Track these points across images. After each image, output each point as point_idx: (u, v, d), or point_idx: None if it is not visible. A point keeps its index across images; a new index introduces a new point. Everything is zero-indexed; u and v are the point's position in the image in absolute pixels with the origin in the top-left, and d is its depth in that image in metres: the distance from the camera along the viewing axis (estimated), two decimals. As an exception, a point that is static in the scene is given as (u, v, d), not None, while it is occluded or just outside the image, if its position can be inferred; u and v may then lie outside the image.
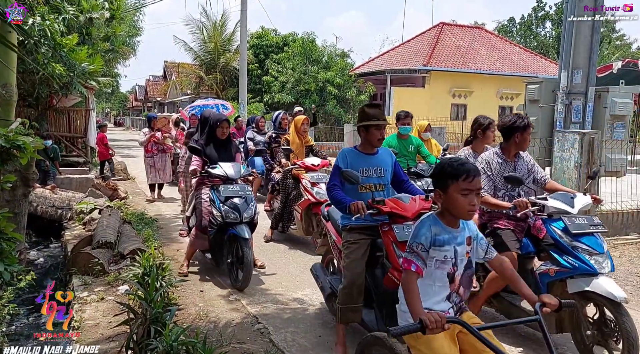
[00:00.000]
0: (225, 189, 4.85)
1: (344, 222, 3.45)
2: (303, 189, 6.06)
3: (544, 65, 24.79)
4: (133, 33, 27.40)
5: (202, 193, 5.06)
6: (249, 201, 4.89)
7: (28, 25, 6.53)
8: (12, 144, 4.38)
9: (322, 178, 6.07)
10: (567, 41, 7.70)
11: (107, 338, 3.66)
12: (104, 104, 56.18)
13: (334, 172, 3.44)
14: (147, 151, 9.55)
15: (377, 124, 3.39)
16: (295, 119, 6.70)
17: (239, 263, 4.75)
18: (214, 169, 4.92)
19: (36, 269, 6.02)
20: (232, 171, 4.96)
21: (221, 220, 4.74)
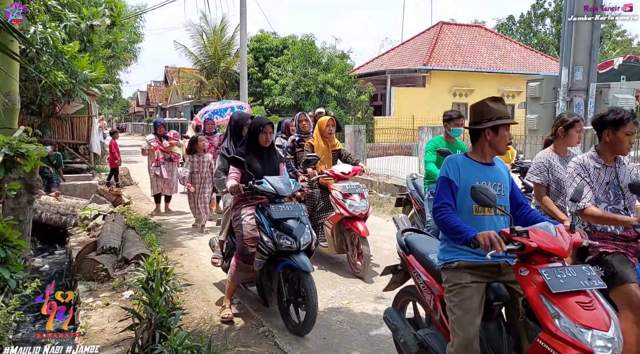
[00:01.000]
0: (277, 209, 3.89)
1: (446, 258, 2.65)
2: (334, 201, 5.38)
3: (545, 63, 24.76)
4: (134, 39, 27.49)
5: (244, 214, 4.07)
6: (305, 223, 4.01)
7: (29, 34, 6.59)
8: (16, 151, 4.42)
9: (355, 188, 5.39)
10: (567, 38, 7.70)
11: (113, 344, 3.68)
12: (106, 111, 56.35)
13: (443, 187, 2.64)
14: (154, 159, 8.92)
15: (508, 123, 2.67)
16: (319, 121, 5.90)
17: (298, 301, 3.87)
18: (260, 185, 3.99)
19: (41, 276, 6.06)
20: (282, 186, 4.02)
21: (273, 248, 3.80)
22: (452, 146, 5.35)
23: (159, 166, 8.77)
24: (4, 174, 4.39)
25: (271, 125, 4.25)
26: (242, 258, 4.01)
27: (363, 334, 3.89)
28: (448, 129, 5.33)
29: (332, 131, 5.87)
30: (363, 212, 5.30)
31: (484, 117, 2.69)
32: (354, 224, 5.23)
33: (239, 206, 4.16)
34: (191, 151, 7.74)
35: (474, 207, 2.59)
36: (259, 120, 4.26)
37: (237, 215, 4.13)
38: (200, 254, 6.20)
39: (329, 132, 5.82)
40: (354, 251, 5.37)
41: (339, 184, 5.43)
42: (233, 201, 4.28)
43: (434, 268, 2.81)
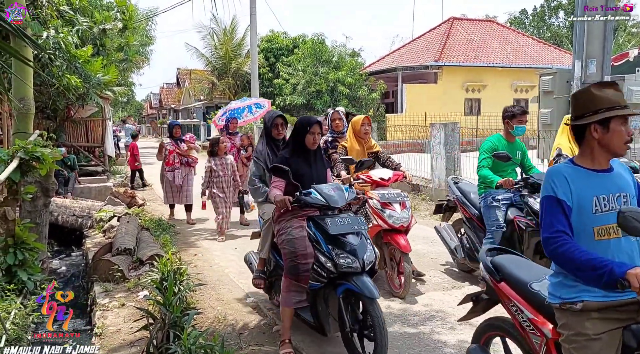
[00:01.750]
0: (334, 223, 3.31)
1: (565, 296, 2.04)
2: (371, 211, 4.69)
3: (558, 56, 24.45)
4: (146, 42, 27.78)
5: (291, 227, 3.45)
6: (367, 238, 3.45)
7: (42, 39, 6.69)
8: (31, 155, 4.50)
9: (395, 197, 4.70)
10: (580, 31, 7.59)
11: (129, 344, 3.72)
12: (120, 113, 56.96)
13: (551, 210, 2.04)
14: (168, 163, 8.02)
15: (624, 114, 2.04)
16: (353, 120, 5.23)
17: (363, 331, 3.27)
18: (309, 196, 3.43)
19: (59, 278, 6.16)
20: (334, 195, 3.45)
21: (333, 270, 3.21)
22: (512, 146, 4.70)
23: (172, 171, 8.00)
24: (20, 177, 4.47)
25: (319, 124, 3.64)
26: (294, 277, 3.36)
27: None
28: (510, 127, 4.65)
29: (368, 131, 5.15)
30: (404, 225, 4.62)
31: (588, 109, 2.07)
32: (394, 237, 4.57)
33: (284, 218, 3.53)
34: (212, 153, 7.10)
35: (595, 230, 2.01)
36: (306, 119, 3.67)
37: (282, 228, 3.51)
38: (213, 254, 6.24)
39: (364, 132, 5.12)
40: (393, 268, 4.71)
41: (377, 191, 4.75)
42: (275, 212, 3.66)
43: (543, 302, 2.19)
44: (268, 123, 4.26)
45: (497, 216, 4.55)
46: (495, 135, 4.82)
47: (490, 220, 4.60)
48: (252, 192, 4.26)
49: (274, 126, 4.26)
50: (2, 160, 4.46)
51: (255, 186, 4.15)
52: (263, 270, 4.16)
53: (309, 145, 3.66)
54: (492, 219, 4.59)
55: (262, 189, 4.11)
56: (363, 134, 5.14)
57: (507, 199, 4.60)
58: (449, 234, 5.33)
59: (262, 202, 4.15)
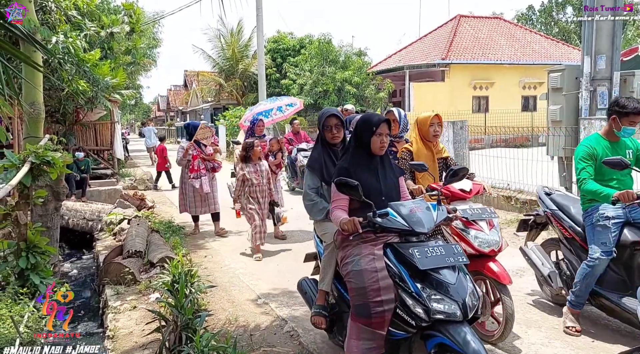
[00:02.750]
0: (423, 254, 2.57)
1: None
2: (450, 232, 3.78)
3: (567, 52, 24.25)
4: (153, 45, 27.94)
5: (361, 257, 2.73)
6: (466, 273, 2.66)
7: (52, 44, 6.75)
8: (42, 160, 4.53)
9: (481, 213, 3.71)
10: (588, 26, 7.53)
11: (141, 346, 3.74)
12: (128, 116, 57.36)
13: None
14: (192, 169, 7.11)
15: None
16: (418, 118, 4.27)
17: None
18: (386, 218, 2.70)
19: (70, 281, 6.20)
20: (419, 217, 2.75)
21: (424, 316, 2.48)
22: (616, 148, 3.76)
23: (198, 178, 7.11)
24: (31, 182, 4.51)
25: (388, 124, 2.97)
26: (365, 321, 2.65)
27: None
28: (616, 126, 3.70)
29: (438, 132, 4.18)
30: (495, 249, 3.66)
31: None
32: (485, 265, 3.59)
33: (350, 242, 2.84)
34: (245, 159, 6.27)
35: None
36: (370, 117, 3.00)
37: (348, 256, 2.81)
38: (223, 255, 6.26)
39: (433, 134, 4.14)
40: (485, 306, 3.63)
41: (457, 206, 3.71)
42: (338, 235, 2.96)
43: None
44: (319, 125, 3.54)
45: (606, 238, 3.60)
46: (592, 136, 3.89)
47: (596, 243, 3.65)
48: (309, 208, 3.52)
49: (326, 128, 3.50)
50: (14, 164, 4.51)
51: (312, 200, 3.46)
52: (324, 305, 3.39)
53: (376, 150, 2.95)
54: (599, 242, 3.63)
55: (320, 205, 3.43)
56: (432, 136, 4.15)
57: (620, 216, 3.64)
58: (541, 258, 4.37)
59: (322, 221, 3.45)
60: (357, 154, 2.99)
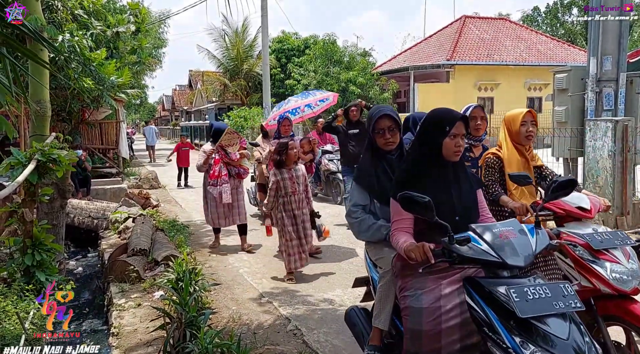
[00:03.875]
0: (521, 295, 1.94)
1: None
2: (571, 262, 2.84)
3: (572, 53, 24.18)
4: (158, 44, 28.03)
5: (424, 291, 2.22)
6: (579, 323, 2.00)
7: (58, 42, 6.80)
8: (48, 157, 4.56)
9: (612, 240, 2.76)
10: (595, 27, 7.50)
11: (145, 343, 3.75)
12: (133, 115, 57.56)
13: None
14: (212, 175, 6.23)
15: None
16: (507, 116, 3.47)
17: None
18: (466, 244, 2.12)
19: (75, 279, 6.23)
20: (513, 245, 2.13)
21: None
22: None
23: (217, 185, 6.21)
24: (37, 179, 4.53)
25: (465, 122, 2.38)
26: None
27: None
28: None
29: (533, 133, 3.36)
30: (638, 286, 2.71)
31: None
32: (628, 308, 2.57)
33: (413, 271, 2.26)
34: (279, 164, 5.20)
35: None
36: (442, 114, 2.40)
37: (407, 287, 2.29)
38: (227, 254, 6.27)
39: (526, 135, 3.32)
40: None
41: (575, 229, 2.89)
42: (397, 260, 2.42)
43: None
44: (369, 127, 2.85)
45: None
46: None
47: None
48: (355, 226, 2.85)
49: (378, 131, 2.79)
50: (20, 162, 4.53)
51: (358, 217, 2.82)
52: (379, 346, 2.74)
53: (449, 156, 2.34)
54: None
55: (369, 221, 2.78)
56: (524, 139, 3.33)
57: None
58: None
59: (376, 242, 2.81)
60: (423, 161, 2.37)
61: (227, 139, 6.32)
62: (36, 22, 4.96)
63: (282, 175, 5.15)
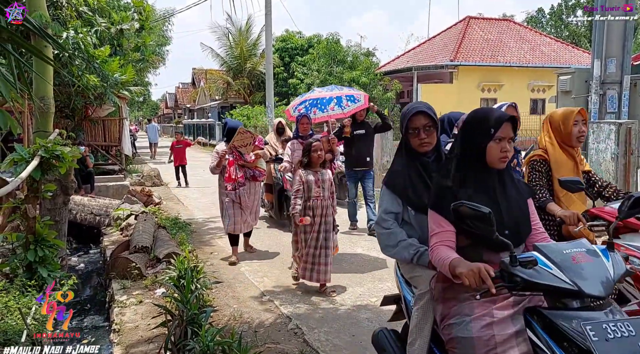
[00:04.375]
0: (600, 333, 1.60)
1: None
2: (631, 281, 2.60)
3: (577, 55, 24.13)
4: (162, 42, 28.03)
5: (472, 319, 1.93)
6: None
7: (62, 39, 6.80)
8: (52, 154, 4.57)
9: None
10: (599, 29, 7.49)
11: (147, 340, 3.76)
12: (136, 113, 57.63)
13: None
14: (228, 179, 5.77)
15: None
16: (556, 115, 3.19)
17: None
18: (532, 267, 1.79)
19: (77, 275, 6.24)
20: (588, 270, 1.80)
21: None
22: None
23: (235, 189, 5.78)
24: (40, 176, 4.54)
25: (513, 123, 2.10)
26: None
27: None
28: None
29: (584, 134, 3.11)
30: None
31: None
32: None
33: (458, 295, 2.00)
34: (306, 165, 4.78)
35: None
36: (485, 114, 2.12)
37: (453, 315, 1.99)
38: (228, 252, 6.27)
39: (578, 136, 3.09)
40: None
41: (635, 241, 2.62)
42: (437, 281, 2.13)
43: None
44: (402, 126, 2.54)
45: None
46: None
47: None
48: (383, 238, 2.49)
49: (412, 131, 2.47)
50: (23, 158, 4.54)
51: (389, 228, 2.46)
52: None
53: (494, 161, 2.06)
54: None
55: (399, 236, 2.42)
56: (576, 140, 3.08)
57: None
58: None
59: (425, 268, 2.34)
60: (465, 167, 2.11)
61: (240, 139, 5.79)
62: (41, 19, 4.97)
63: (307, 177, 4.73)
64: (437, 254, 2.01)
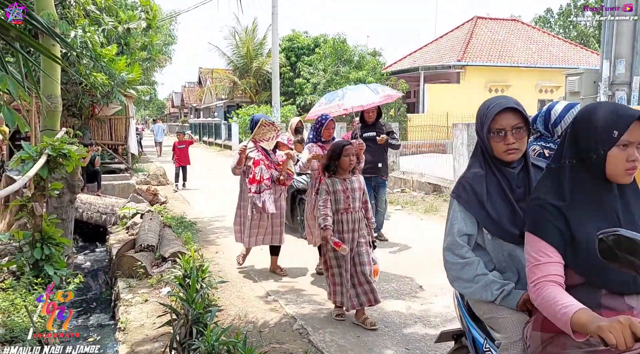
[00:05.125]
0: None
1: None
2: None
3: (585, 56, 23.98)
4: (169, 41, 28.14)
5: None
6: None
7: (70, 38, 6.83)
8: (59, 152, 4.58)
9: None
10: (608, 30, 7.43)
11: (152, 339, 3.76)
12: (142, 112, 57.88)
13: None
14: (252, 180, 4.94)
15: None
16: None
17: None
18: None
19: (83, 273, 6.27)
20: None
21: None
22: None
23: (259, 192, 4.92)
24: (47, 174, 4.56)
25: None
26: None
27: (397, 332, 3.86)
28: None
29: None
30: None
31: None
32: None
33: (565, 347, 1.60)
34: (331, 170, 3.99)
35: None
36: (604, 110, 1.62)
37: None
38: (234, 252, 6.27)
39: None
40: None
41: None
42: (535, 329, 1.72)
43: None
44: (480, 125, 2.05)
45: None
46: None
47: None
48: (454, 269, 1.99)
49: (496, 132, 1.97)
50: (31, 156, 4.56)
51: (465, 258, 1.97)
52: None
53: (617, 175, 1.59)
54: None
55: (479, 271, 1.94)
56: None
57: None
58: None
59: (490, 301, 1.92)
60: (578, 179, 1.64)
61: (261, 133, 5.04)
62: (49, 18, 4.99)
63: (335, 186, 3.97)
64: (545, 296, 1.53)
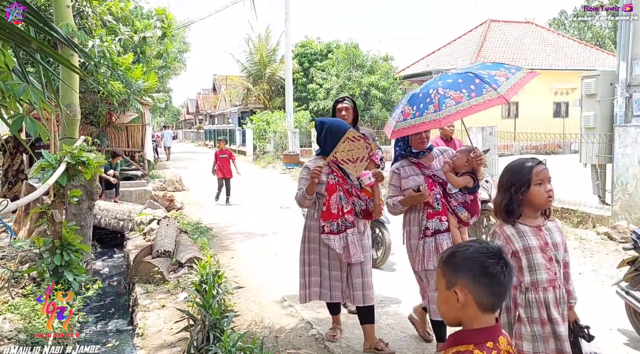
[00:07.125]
0: None
1: None
2: None
3: (601, 58, 23.66)
4: (183, 49, 28.45)
5: None
6: None
7: (88, 48, 6.96)
8: (78, 160, 4.66)
9: None
10: (624, 30, 7.34)
11: (170, 344, 3.80)
12: (158, 119, 58.49)
13: None
14: (328, 215, 3.44)
15: None
16: None
17: None
18: None
19: (102, 279, 6.35)
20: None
21: None
22: None
23: (338, 233, 3.41)
24: (67, 181, 4.64)
25: None
26: None
27: (414, 338, 3.84)
28: None
29: None
30: None
31: None
32: None
33: None
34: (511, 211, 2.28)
35: None
36: None
37: None
38: (249, 257, 6.32)
39: None
40: None
41: None
42: None
43: None
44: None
45: None
46: None
47: None
48: None
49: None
50: (51, 164, 4.65)
51: None
52: None
53: None
54: None
55: None
56: None
57: None
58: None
59: None
60: None
61: (347, 150, 3.35)
62: (67, 28, 5.10)
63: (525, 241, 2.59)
64: None
